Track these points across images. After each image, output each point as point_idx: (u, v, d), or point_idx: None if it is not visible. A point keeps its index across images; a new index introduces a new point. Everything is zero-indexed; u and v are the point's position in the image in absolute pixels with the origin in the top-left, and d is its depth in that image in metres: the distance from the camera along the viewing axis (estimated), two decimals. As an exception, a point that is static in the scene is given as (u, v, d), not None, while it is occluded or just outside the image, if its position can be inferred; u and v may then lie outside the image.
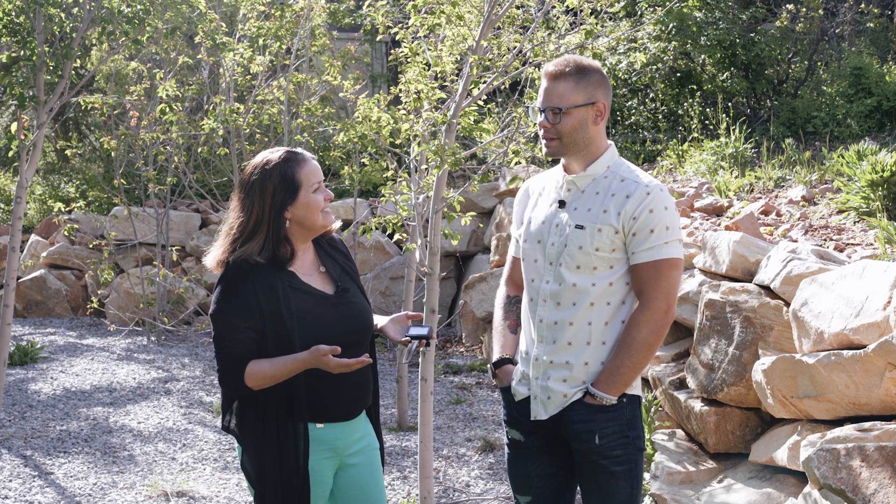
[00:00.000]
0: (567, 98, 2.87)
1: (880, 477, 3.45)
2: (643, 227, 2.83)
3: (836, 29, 10.97)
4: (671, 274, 2.85)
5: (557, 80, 2.89)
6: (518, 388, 3.03)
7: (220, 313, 2.85)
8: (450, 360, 8.29)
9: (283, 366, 2.81)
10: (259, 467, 2.87)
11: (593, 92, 2.88)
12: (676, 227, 2.88)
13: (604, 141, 2.96)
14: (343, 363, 2.76)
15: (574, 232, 2.88)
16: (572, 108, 2.87)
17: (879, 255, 4.99)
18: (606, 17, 5.52)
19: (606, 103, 2.91)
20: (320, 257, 3.03)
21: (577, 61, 2.90)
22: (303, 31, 7.50)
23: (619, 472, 2.90)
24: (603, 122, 2.92)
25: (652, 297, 2.84)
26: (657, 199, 2.84)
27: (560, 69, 2.89)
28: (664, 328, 2.86)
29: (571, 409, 2.90)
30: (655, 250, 2.83)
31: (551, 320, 2.92)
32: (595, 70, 2.91)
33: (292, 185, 2.88)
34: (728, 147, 8.08)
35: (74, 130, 13.57)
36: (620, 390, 2.87)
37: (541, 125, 2.93)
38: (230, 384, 2.85)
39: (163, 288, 9.58)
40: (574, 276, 2.88)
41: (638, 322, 2.85)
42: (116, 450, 5.99)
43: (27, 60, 5.98)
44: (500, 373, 3.10)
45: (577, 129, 2.88)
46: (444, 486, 5.30)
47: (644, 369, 2.93)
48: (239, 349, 2.83)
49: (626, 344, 2.85)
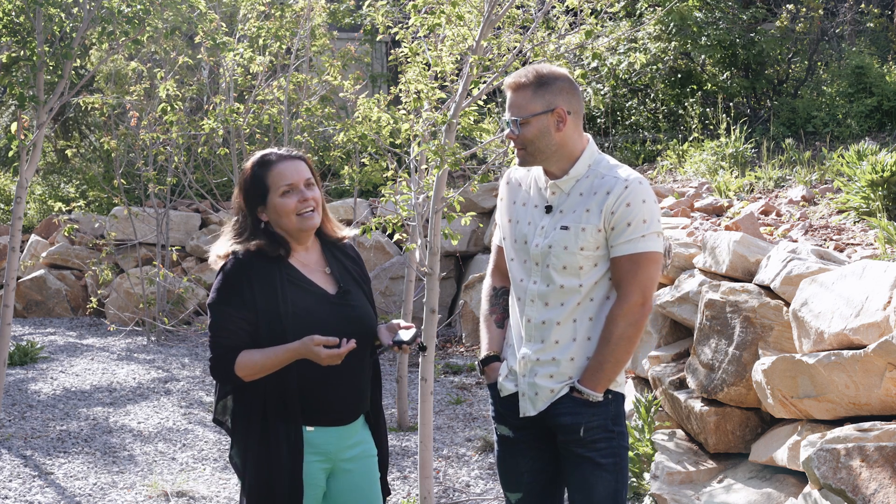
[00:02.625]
0: (525, 108, 2.91)
1: (880, 477, 3.45)
2: (620, 221, 2.86)
3: (836, 29, 10.97)
4: (649, 267, 2.88)
5: (517, 91, 2.93)
6: (505, 384, 3.06)
7: (216, 303, 2.88)
8: (450, 360, 8.29)
9: (273, 355, 2.82)
10: (245, 464, 2.89)
11: (552, 99, 2.90)
12: (655, 221, 2.89)
13: (579, 142, 2.97)
14: (333, 353, 2.76)
15: (558, 233, 2.91)
16: (531, 118, 2.90)
17: (879, 255, 4.98)
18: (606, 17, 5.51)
19: (568, 108, 2.91)
20: (327, 257, 3.03)
21: (536, 71, 2.93)
22: (303, 31, 7.50)
23: (605, 465, 2.92)
24: (569, 127, 2.92)
25: (628, 291, 2.87)
26: (635, 192, 2.86)
27: (518, 80, 2.93)
28: (642, 321, 2.89)
29: (559, 402, 2.93)
30: (632, 244, 2.86)
31: (539, 320, 2.95)
32: (557, 77, 2.92)
33: (261, 188, 2.92)
34: (728, 147, 8.08)
35: (74, 130, 13.57)
36: (605, 386, 2.91)
37: (507, 136, 2.98)
38: (220, 373, 2.87)
39: (163, 288, 9.58)
40: (561, 278, 2.91)
41: (615, 316, 2.88)
42: (116, 450, 5.99)
43: (27, 60, 5.98)
44: (487, 370, 3.13)
45: (538, 137, 2.91)
46: (444, 486, 5.30)
47: (627, 362, 2.96)
48: (231, 339, 2.85)
49: (606, 339, 2.89)
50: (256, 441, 2.86)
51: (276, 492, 2.85)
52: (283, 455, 2.85)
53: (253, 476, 2.87)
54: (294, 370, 2.85)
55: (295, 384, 2.86)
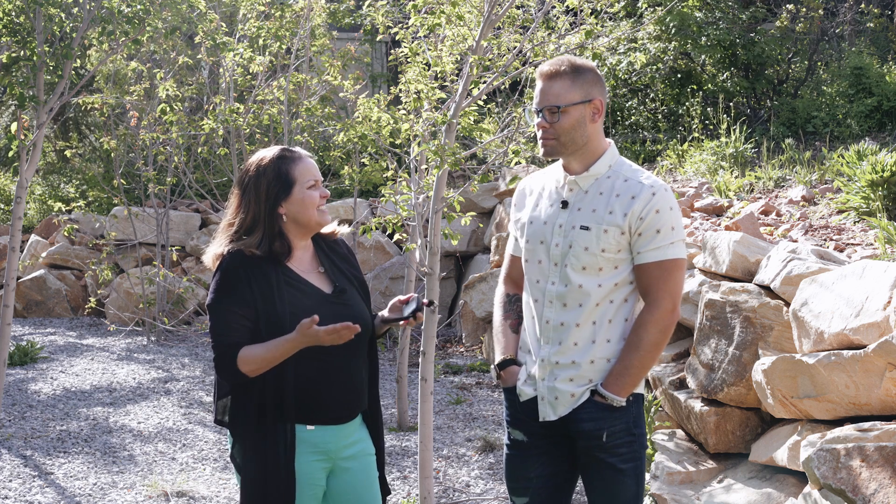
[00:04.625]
0: (564, 96, 2.87)
1: (880, 477, 3.45)
2: (650, 228, 2.83)
3: (836, 29, 10.97)
4: (677, 274, 2.87)
5: (553, 79, 2.90)
6: (524, 388, 3.02)
7: (216, 302, 2.87)
8: (450, 360, 8.29)
9: (274, 348, 2.81)
10: (245, 462, 2.90)
11: (589, 89, 2.89)
12: (680, 228, 2.89)
13: (603, 140, 2.96)
14: (331, 329, 2.74)
15: (579, 233, 2.88)
16: (569, 106, 2.87)
17: (879, 255, 4.99)
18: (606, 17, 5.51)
19: (603, 100, 2.92)
20: (320, 257, 3.03)
21: (571, 60, 2.91)
22: (303, 31, 7.50)
23: (626, 470, 2.91)
24: (600, 120, 2.93)
25: (659, 297, 2.85)
26: (663, 199, 2.85)
27: (555, 68, 2.90)
28: (671, 327, 2.88)
29: (581, 408, 2.90)
30: (662, 250, 2.84)
31: (557, 321, 2.92)
32: (589, 69, 2.91)
33: (286, 182, 2.91)
34: (728, 147, 8.08)
35: (74, 130, 13.57)
36: (629, 391, 2.88)
37: (539, 126, 2.93)
38: (225, 371, 2.86)
39: (163, 288, 9.58)
40: (580, 278, 2.88)
41: (646, 322, 2.85)
42: (116, 450, 5.99)
43: (27, 60, 5.98)
44: (504, 374, 3.09)
45: (575, 128, 2.89)
46: (444, 486, 5.30)
47: (651, 367, 2.95)
48: (232, 336, 2.84)
49: (634, 345, 2.86)
50: (253, 439, 2.87)
51: (270, 489, 2.85)
52: (279, 453, 2.85)
53: (248, 473, 2.88)
54: (291, 368, 2.85)
55: (291, 383, 2.86)
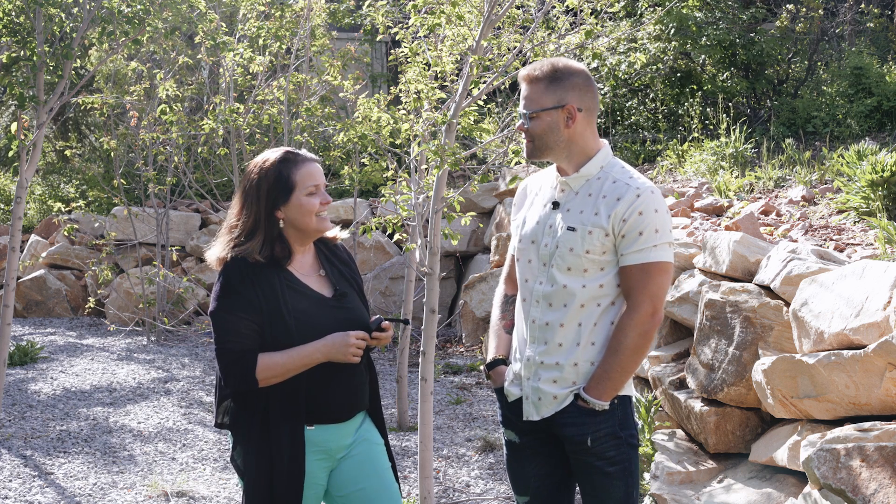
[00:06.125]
0: (536, 101, 2.88)
1: (880, 477, 3.45)
2: (632, 230, 2.82)
3: (836, 29, 10.97)
4: (659, 278, 2.84)
5: (530, 83, 2.91)
6: (510, 388, 3.04)
7: (221, 309, 2.84)
8: (450, 360, 8.29)
9: (297, 357, 2.81)
10: (249, 464, 2.88)
11: (563, 95, 2.86)
12: (667, 231, 2.85)
13: (595, 141, 2.94)
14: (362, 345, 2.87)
15: (565, 234, 2.88)
16: (540, 112, 2.87)
17: (879, 255, 4.98)
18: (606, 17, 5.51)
19: (580, 105, 2.88)
20: (321, 261, 3.03)
21: (553, 64, 2.89)
22: (303, 31, 7.50)
23: (614, 473, 2.91)
24: (579, 124, 2.89)
25: (639, 301, 2.83)
26: (647, 201, 2.82)
27: (531, 73, 2.90)
28: (652, 331, 2.86)
29: (564, 412, 2.90)
30: (644, 253, 2.82)
31: (543, 321, 2.92)
32: (572, 72, 2.88)
33: (286, 186, 2.89)
34: (728, 147, 8.08)
35: (74, 130, 13.57)
36: (611, 395, 2.87)
37: (518, 128, 2.97)
38: (238, 377, 2.82)
39: (163, 288, 9.58)
40: (565, 278, 2.88)
41: (625, 326, 2.84)
42: (116, 450, 5.99)
43: (27, 60, 5.98)
44: (493, 374, 3.11)
45: (546, 133, 2.89)
46: (444, 486, 5.30)
47: (634, 371, 2.94)
48: (244, 342, 2.82)
49: (614, 349, 2.85)
50: (258, 441, 2.86)
51: (276, 492, 2.85)
52: (285, 455, 2.85)
53: (253, 476, 2.87)
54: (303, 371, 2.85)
55: (304, 385, 2.86)
